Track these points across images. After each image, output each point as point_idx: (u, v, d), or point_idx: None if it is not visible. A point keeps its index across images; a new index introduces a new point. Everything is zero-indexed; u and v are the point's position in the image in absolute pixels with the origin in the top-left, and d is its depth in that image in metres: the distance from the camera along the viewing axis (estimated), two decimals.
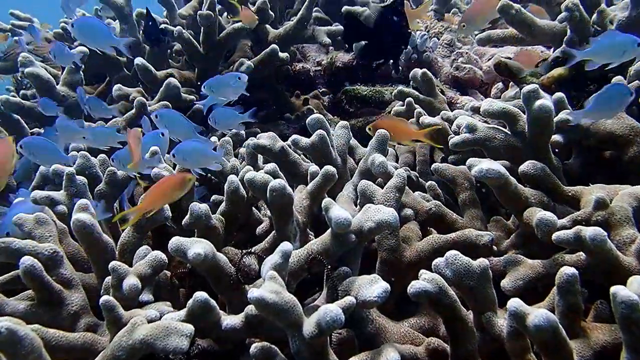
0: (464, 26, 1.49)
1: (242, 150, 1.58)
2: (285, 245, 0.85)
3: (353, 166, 1.39)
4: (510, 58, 1.85)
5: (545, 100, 1.00)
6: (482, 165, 0.96)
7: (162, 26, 1.85)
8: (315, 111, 2.13)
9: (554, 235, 0.84)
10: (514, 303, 0.72)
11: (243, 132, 1.69)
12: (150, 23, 2.02)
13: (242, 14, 1.88)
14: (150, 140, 1.31)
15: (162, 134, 1.34)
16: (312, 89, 2.27)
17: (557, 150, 1.13)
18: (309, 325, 0.75)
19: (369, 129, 1.29)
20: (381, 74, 2.18)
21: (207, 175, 1.50)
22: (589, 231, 0.79)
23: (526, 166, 1.02)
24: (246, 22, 1.90)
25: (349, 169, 1.35)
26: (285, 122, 2.13)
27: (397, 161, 1.62)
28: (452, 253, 0.84)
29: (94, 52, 2.07)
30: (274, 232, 1.07)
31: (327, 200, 0.95)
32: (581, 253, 0.88)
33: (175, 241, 0.87)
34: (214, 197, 1.38)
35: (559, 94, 1.13)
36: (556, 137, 1.11)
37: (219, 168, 1.27)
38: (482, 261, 0.83)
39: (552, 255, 0.97)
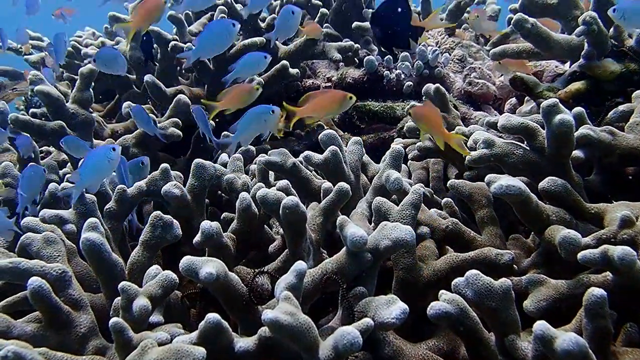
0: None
1: (253, 167, 1.57)
2: (300, 265, 0.82)
3: (366, 183, 1.37)
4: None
5: (566, 115, 0.98)
6: (502, 181, 0.93)
7: (172, 43, 1.84)
8: (325, 127, 2.12)
9: (580, 255, 0.81)
10: (541, 326, 0.69)
11: (253, 148, 1.67)
12: (144, 38, 2.09)
13: (307, 29, 1.89)
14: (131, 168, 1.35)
15: (143, 163, 1.38)
16: None
17: (577, 166, 1.09)
18: (325, 348, 0.72)
19: (409, 112, 1.28)
20: (392, 89, 2.17)
21: (219, 192, 1.49)
22: (617, 250, 0.76)
23: (547, 182, 0.99)
24: (312, 35, 1.91)
25: (362, 185, 1.33)
26: (296, 139, 2.11)
27: (409, 177, 1.59)
28: (472, 273, 0.81)
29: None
30: (286, 250, 1.04)
31: (341, 218, 0.92)
32: (608, 273, 0.84)
33: (186, 261, 0.84)
34: (224, 214, 1.36)
35: (579, 109, 1.10)
36: (576, 153, 1.08)
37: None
38: (504, 281, 0.80)
39: (576, 275, 0.93)
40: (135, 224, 1.34)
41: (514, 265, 0.99)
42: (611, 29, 1.32)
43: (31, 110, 2.31)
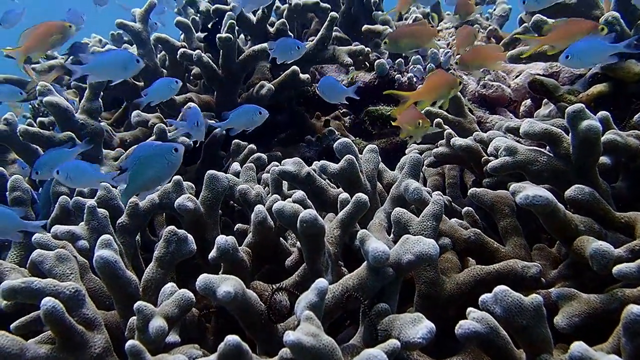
0: (385, 42, 1.61)
1: (265, 175, 1.54)
2: (321, 283, 0.79)
3: (381, 190, 1.34)
4: (540, 74, 1.80)
5: (593, 121, 0.94)
6: (528, 191, 0.90)
7: (182, 51, 1.82)
8: (336, 132, 2.09)
9: (615, 269, 0.78)
10: (579, 348, 0.66)
11: (265, 156, 1.64)
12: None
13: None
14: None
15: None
16: (332, 109, 2.23)
17: (603, 172, 1.06)
18: None
19: (457, 62, 1.28)
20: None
21: (231, 202, 1.46)
22: None
23: (573, 191, 0.96)
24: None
25: (378, 192, 1.30)
26: (307, 145, 2.08)
27: (425, 184, 1.56)
28: (501, 289, 0.78)
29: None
30: (304, 265, 1.01)
31: (362, 232, 0.89)
32: None
33: (203, 279, 0.82)
34: (237, 225, 1.34)
35: (604, 113, 1.06)
36: (603, 159, 1.04)
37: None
38: (535, 297, 0.77)
39: (606, 288, 0.90)
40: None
41: (542, 278, 0.95)
42: (633, 28, 1.28)
43: (39, 119, 2.30)
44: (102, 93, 1.63)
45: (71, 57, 2.28)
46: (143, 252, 1.38)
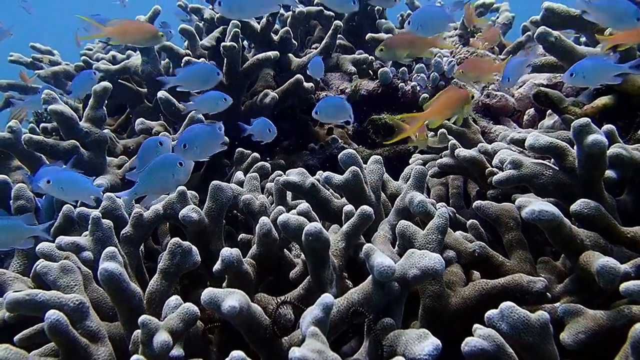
0: (381, 50, 1.60)
1: (269, 184, 1.54)
2: (327, 298, 0.79)
3: (385, 200, 1.34)
4: (543, 85, 1.80)
5: (599, 135, 0.94)
6: (534, 206, 0.89)
7: (186, 59, 1.82)
8: (339, 140, 2.09)
9: (623, 287, 0.77)
10: None
11: (268, 164, 1.64)
12: None
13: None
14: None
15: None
16: None
17: (608, 186, 1.05)
18: None
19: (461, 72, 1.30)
20: (406, 101, 2.13)
21: (234, 212, 1.46)
22: None
23: (579, 205, 0.95)
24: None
25: (382, 202, 1.29)
26: (310, 152, 2.08)
27: (428, 194, 1.56)
28: (507, 305, 0.77)
29: (114, 83, 2.08)
30: (309, 277, 1.01)
31: (368, 247, 0.89)
32: None
33: (208, 293, 0.81)
34: (241, 236, 1.33)
35: (610, 126, 1.06)
36: (608, 173, 1.04)
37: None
38: (541, 315, 0.76)
39: (612, 303, 0.90)
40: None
41: (547, 293, 0.95)
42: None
43: (42, 124, 2.30)
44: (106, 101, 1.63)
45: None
46: (146, 261, 1.38)
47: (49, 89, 1.79)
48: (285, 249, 1.19)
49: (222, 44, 1.78)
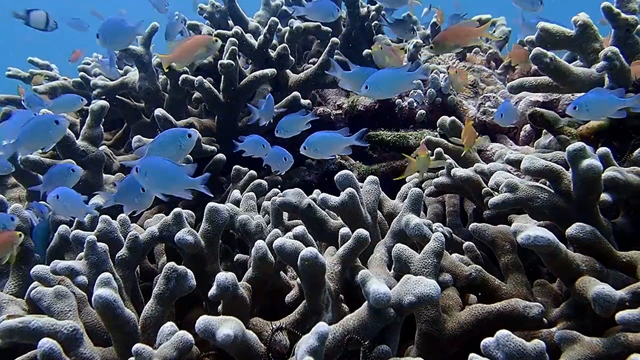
0: (431, 47, 1.57)
1: (265, 203, 1.54)
2: (322, 327, 0.79)
3: (381, 219, 1.34)
4: (539, 102, 1.80)
5: (594, 160, 0.94)
6: (530, 232, 0.89)
7: (183, 77, 1.82)
8: (337, 157, 2.09)
9: (619, 316, 0.77)
10: None
11: (265, 182, 1.64)
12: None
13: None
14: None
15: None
16: None
17: (604, 209, 1.05)
18: None
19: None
20: (403, 117, 2.14)
21: (230, 231, 1.45)
22: None
23: (574, 229, 0.95)
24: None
25: (377, 221, 1.29)
26: (307, 168, 2.08)
27: (425, 211, 1.56)
28: (503, 334, 0.77)
29: (112, 98, 2.08)
30: (304, 302, 1.01)
31: (363, 273, 0.89)
32: None
33: (202, 321, 0.81)
34: (237, 256, 1.33)
35: (605, 149, 1.06)
36: (604, 196, 1.04)
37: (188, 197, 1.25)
38: (537, 343, 0.76)
39: (608, 329, 0.89)
40: None
41: (543, 318, 0.94)
42: (632, 62, 1.28)
43: None
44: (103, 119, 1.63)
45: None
46: (142, 280, 1.38)
47: (33, 100, 1.81)
48: (281, 271, 1.19)
49: (220, 61, 1.78)
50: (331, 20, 2.01)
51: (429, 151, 1.45)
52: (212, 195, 1.29)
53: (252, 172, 1.70)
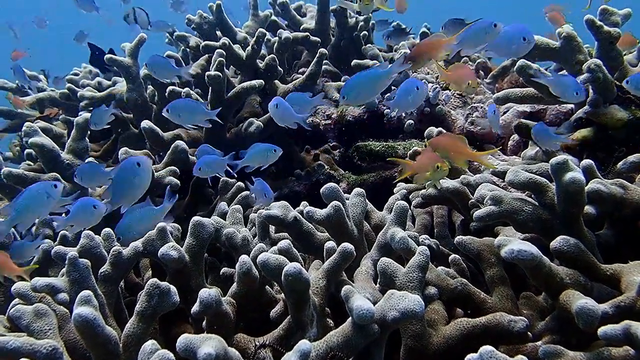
0: (410, 63, 1.53)
1: (252, 216, 1.53)
2: (304, 345, 0.78)
3: (369, 230, 1.33)
4: (527, 112, 1.81)
5: (577, 173, 0.94)
6: (513, 245, 0.89)
7: (170, 88, 1.81)
8: (325, 166, 2.09)
9: (601, 331, 0.77)
10: None
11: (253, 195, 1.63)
12: (97, 53, 2.41)
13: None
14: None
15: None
16: (322, 143, 2.23)
17: (588, 221, 1.05)
18: None
19: (426, 145, 1.28)
20: (391, 127, 2.14)
21: (217, 244, 1.44)
22: None
23: (558, 242, 0.95)
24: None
25: (365, 232, 1.29)
26: (296, 178, 2.07)
27: (413, 223, 1.55)
28: (487, 350, 0.76)
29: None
30: (289, 317, 1.00)
31: (347, 289, 0.88)
32: (629, 347, 0.80)
33: (183, 340, 0.80)
34: (224, 270, 1.32)
35: (588, 162, 1.06)
36: (587, 209, 1.04)
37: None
38: (520, 359, 0.76)
39: (592, 343, 0.89)
40: None
41: (528, 332, 0.94)
42: (616, 73, 1.29)
43: (26, 150, 2.28)
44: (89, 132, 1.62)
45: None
46: (127, 294, 1.36)
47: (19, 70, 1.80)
48: (267, 286, 1.18)
49: (207, 73, 1.78)
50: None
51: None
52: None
53: (240, 184, 1.69)
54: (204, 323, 1.07)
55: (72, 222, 1.23)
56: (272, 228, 1.39)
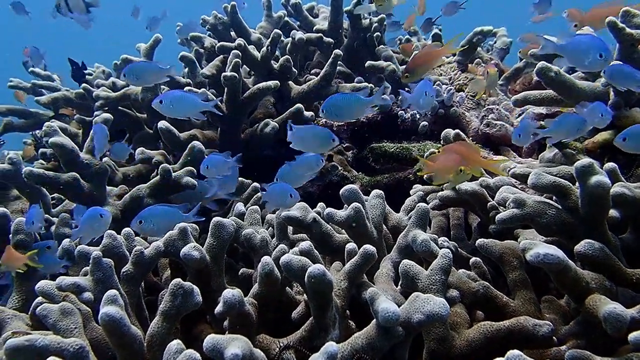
0: (407, 76, 1.58)
1: (269, 216, 1.53)
2: (331, 347, 0.78)
3: (386, 232, 1.33)
4: (543, 114, 1.80)
5: (603, 177, 0.94)
6: (539, 249, 0.89)
7: (187, 89, 1.82)
8: (339, 168, 2.09)
9: (632, 337, 0.76)
10: None
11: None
12: (74, 67, 2.54)
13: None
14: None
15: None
16: None
17: (611, 225, 1.05)
18: None
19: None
20: (405, 129, 2.14)
21: (234, 244, 1.45)
22: None
23: (583, 246, 0.95)
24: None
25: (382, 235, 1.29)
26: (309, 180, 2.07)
27: (429, 225, 1.55)
28: (515, 354, 0.76)
29: (114, 109, 2.08)
30: (311, 319, 1.00)
31: (372, 291, 0.88)
32: None
33: (210, 340, 0.81)
34: (242, 270, 1.32)
35: (612, 165, 1.06)
36: (611, 213, 1.03)
37: None
38: None
39: (620, 348, 0.89)
40: None
41: (553, 337, 0.94)
42: None
43: (41, 150, 2.30)
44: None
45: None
46: (145, 294, 1.37)
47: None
48: (286, 286, 1.19)
49: (223, 74, 1.78)
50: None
51: None
52: None
53: (256, 184, 1.70)
54: (224, 323, 1.07)
55: (82, 233, 1.26)
56: (289, 229, 1.40)
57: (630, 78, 1.16)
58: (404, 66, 1.70)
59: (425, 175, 1.53)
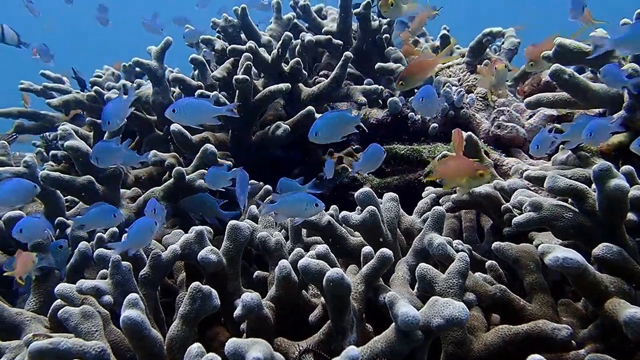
0: (402, 84, 1.58)
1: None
2: (352, 351, 0.79)
3: (399, 234, 1.33)
4: (554, 116, 1.80)
5: (621, 180, 0.94)
6: (558, 253, 0.89)
7: (199, 92, 1.83)
8: (349, 170, 2.09)
9: None
10: None
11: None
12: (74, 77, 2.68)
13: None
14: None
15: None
16: (345, 146, 2.23)
17: (629, 229, 1.05)
18: None
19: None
20: (415, 130, 2.14)
21: (249, 247, 1.45)
22: None
23: (601, 250, 0.95)
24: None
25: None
26: (321, 182, 2.08)
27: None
28: (536, 359, 0.77)
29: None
30: (329, 322, 1.00)
31: (391, 295, 0.89)
32: None
33: (232, 344, 0.81)
34: (257, 273, 1.33)
35: (629, 168, 1.06)
36: (629, 216, 1.04)
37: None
38: None
39: (639, 352, 0.89)
40: None
41: (572, 341, 0.94)
42: None
43: (51, 152, 2.31)
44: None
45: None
46: (161, 297, 1.37)
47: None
48: (302, 290, 1.19)
49: (235, 77, 1.79)
50: None
51: None
52: None
53: (268, 187, 1.70)
54: (242, 326, 1.08)
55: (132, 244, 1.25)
56: (304, 231, 1.40)
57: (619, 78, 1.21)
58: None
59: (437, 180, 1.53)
